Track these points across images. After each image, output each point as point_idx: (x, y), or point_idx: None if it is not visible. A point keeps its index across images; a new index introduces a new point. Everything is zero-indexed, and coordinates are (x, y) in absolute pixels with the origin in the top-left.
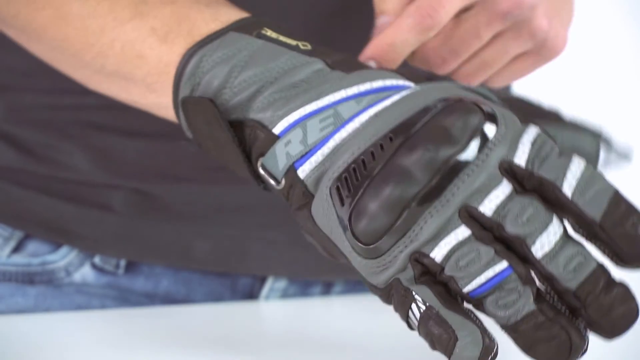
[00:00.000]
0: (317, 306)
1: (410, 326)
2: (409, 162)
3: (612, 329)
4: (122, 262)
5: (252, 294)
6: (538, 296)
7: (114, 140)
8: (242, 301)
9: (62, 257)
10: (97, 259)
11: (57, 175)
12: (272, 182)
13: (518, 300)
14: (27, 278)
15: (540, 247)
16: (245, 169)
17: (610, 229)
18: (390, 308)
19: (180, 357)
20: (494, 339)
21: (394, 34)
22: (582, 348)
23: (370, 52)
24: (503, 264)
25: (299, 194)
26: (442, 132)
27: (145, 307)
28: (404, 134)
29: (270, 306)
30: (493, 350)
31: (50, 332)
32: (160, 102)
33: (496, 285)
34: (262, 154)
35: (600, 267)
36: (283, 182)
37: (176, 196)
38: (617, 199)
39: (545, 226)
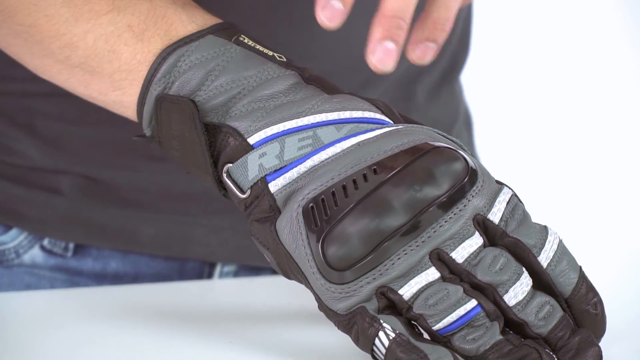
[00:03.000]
0: (267, 284)
1: (374, 355)
2: (393, 197)
3: None
4: (71, 245)
5: (201, 276)
6: (503, 330)
7: (60, 128)
8: (194, 280)
9: (12, 239)
10: (46, 242)
11: (7, 159)
12: (235, 190)
13: (486, 333)
14: None
15: (514, 296)
16: (209, 174)
17: (575, 305)
18: None
19: (133, 334)
20: None
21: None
22: None
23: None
24: (473, 302)
25: (265, 206)
26: (428, 174)
27: (96, 287)
28: (388, 168)
29: (223, 284)
30: None
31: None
32: (122, 100)
33: (466, 322)
34: (230, 161)
35: (566, 316)
36: (248, 192)
37: (122, 182)
38: (583, 277)
39: (517, 276)
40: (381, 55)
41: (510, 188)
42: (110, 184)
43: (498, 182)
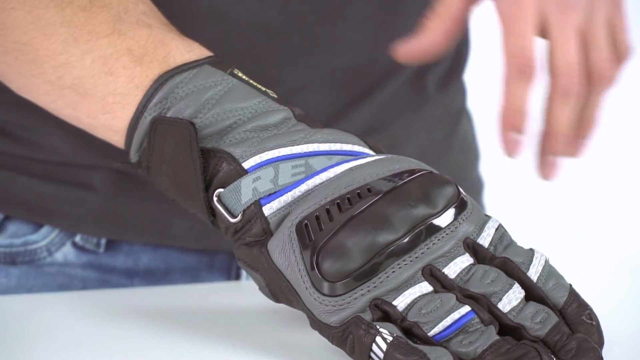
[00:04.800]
0: None
1: None
2: (390, 212)
3: None
4: (103, 241)
5: (229, 270)
6: (499, 334)
7: None
8: (224, 281)
9: (44, 237)
10: (78, 238)
11: (35, 156)
12: (225, 214)
13: (482, 335)
14: (10, 259)
15: (508, 302)
16: (200, 199)
17: (570, 314)
18: None
19: (162, 334)
20: None
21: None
22: None
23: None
24: (467, 307)
25: (258, 230)
26: (423, 194)
27: (128, 288)
28: (381, 188)
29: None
30: None
31: (33, 312)
32: (111, 124)
33: (461, 327)
34: (223, 186)
35: (561, 321)
36: (240, 216)
37: None
38: (574, 293)
39: (509, 286)
40: (510, 145)
41: (497, 220)
42: (142, 177)
43: (485, 214)
